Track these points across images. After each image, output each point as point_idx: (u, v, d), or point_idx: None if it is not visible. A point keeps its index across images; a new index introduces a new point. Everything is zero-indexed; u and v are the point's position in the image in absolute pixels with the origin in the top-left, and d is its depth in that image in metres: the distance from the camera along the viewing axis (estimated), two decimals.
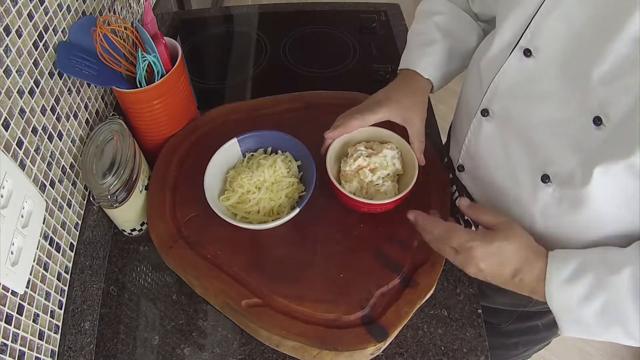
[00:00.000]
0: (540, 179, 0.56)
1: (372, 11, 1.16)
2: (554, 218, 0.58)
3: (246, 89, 0.99)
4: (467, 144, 0.68)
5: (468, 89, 0.68)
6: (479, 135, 0.64)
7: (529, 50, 0.54)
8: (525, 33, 0.54)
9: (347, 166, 0.67)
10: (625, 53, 0.45)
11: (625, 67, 0.45)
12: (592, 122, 0.49)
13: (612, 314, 0.49)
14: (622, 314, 0.48)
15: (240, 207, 0.68)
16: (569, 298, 0.51)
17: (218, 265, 0.65)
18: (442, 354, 0.63)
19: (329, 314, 0.60)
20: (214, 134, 0.79)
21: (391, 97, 0.67)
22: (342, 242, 0.67)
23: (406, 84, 0.70)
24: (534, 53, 0.54)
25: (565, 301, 0.51)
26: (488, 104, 0.61)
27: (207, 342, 0.65)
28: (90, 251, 0.70)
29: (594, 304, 0.49)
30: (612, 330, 0.50)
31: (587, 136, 0.50)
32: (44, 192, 0.60)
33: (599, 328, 0.50)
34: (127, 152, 0.66)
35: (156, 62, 0.70)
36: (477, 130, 0.64)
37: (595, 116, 0.48)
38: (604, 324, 0.50)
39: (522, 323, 0.80)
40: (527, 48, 0.54)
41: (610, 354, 1.54)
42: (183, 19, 1.17)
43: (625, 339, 0.50)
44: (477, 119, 0.64)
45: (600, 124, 0.48)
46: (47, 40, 0.62)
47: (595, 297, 0.49)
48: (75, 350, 0.63)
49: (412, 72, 0.70)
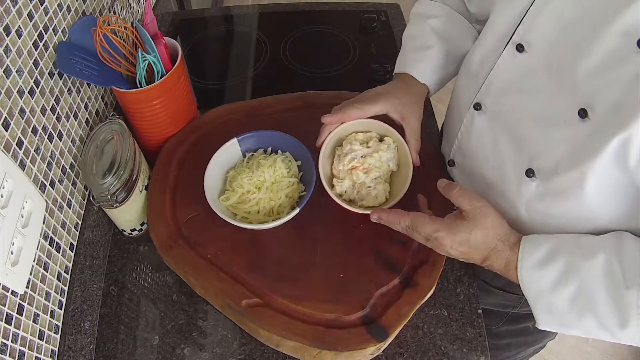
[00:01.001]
0: (524, 173, 0.56)
1: (372, 11, 1.16)
2: (538, 213, 0.58)
3: (246, 89, 0.99)
4: (459, 138, 0.68)
5: (462, 84, 0.69)
6: (471, 130, 0.65)
7: (522, 45, 0.55)
8: (518, 28, 0.55)
9: (341, 165, 0.66)
10: (614, 46, 0.45)
11: (612, 60, 0.46)
12: (578, 114, 0.49)
13: (583, 301, 0.49)
14: (593, 302, 0.48)
15: (240, 207, 0.68)
16: (540, 283, 0.51)
17: (218, 265, 0.65)
18: (442, 354, 0.63)
19: (329, 314, 0.60)
20: (214, 134, 0.79)
21: (391, 92, 0.67)
22: (342, 242, 0.67)
23: (404, 85, 0.70)
24: (527, 48, 0.54)
25: (537, 286, 0.51)
26: (481, 98, 0.62)
27: (207, 342, 0.65)
28: (90, 251, 0.70)
29: (566, 290, 0.49)
30: (586, 320, 0.50)
31: (573, 129, 0.50)
32: (44, 192, 0.60)
33: (572, 317, 0.50)
34: (127, 152, 0.66)
35: (156, 62, 0.70)
36: (470, 125, 0.65)
37: (581, 108, 0.49)
38: (577, 312, 0.50)
39: (513, 325, 0.80)
40: (519, 43, 0.55)
41: (610, 354, 1.54)
42: (183, 19, 1.17)
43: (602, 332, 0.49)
44: (470, 113, 0.64)
45: (586, 117, 0.48)
46: (47, 40, 0.62)
47: (566, 283, 0.49)
48: (75, 350, 0.63)
49: (408, 76, 0.70)
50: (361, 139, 0.68)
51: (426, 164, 0.73)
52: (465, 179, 0.70)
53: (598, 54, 0.46)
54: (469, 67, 0.66)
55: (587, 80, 0.48)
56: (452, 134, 0.70)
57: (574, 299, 0.49)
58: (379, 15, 1.14)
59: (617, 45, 0.45)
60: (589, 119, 0.48)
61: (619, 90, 0.45)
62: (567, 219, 0.56)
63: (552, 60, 0.52)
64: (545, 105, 0.53)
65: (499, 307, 0.78)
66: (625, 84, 0.45)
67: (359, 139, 0.68)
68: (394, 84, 0.70)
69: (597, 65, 0.47)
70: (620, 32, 0.44)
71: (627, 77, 0.45)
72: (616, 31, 0.45)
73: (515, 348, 0.88)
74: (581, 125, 0.49)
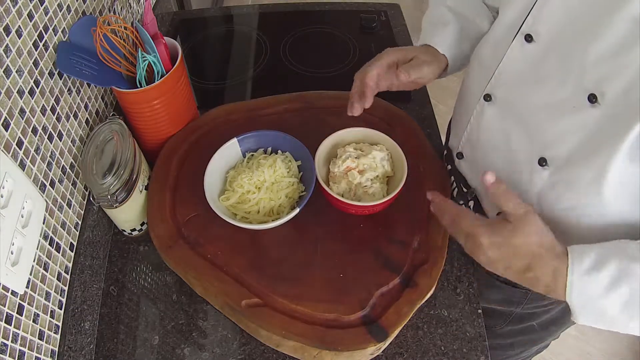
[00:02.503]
0: (537, 162, 0.56)
1: (372, 11, 1.16)
2: (550, 203, 0.58)
3: (246, 89, 0.99)
4: (468, 130, 0.68)
5: (472, 76, 0.69)
6: (481, 121, 0.65)
7: (530, 35, 0.55)
8: (527, 19, 0.55)
9: (336, 167, 0.68)
10: (623, 32, 0.45)
11: (622, 46, 0.46)
12: (587, 99, 0.49)
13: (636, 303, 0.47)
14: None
15: (240, 207, 0.68)
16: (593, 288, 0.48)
17: (218, 265, 0.65)
18: (442, 354, 0.63)
19: (329, 314, 0.60)
20: (214, 134, 0.79)
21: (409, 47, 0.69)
22: (342, 242, 0.67)
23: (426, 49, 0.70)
24: (535, 38, 0.55)
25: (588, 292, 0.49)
26: (492, 89, 0.62)
27: (207, 342, 0.65)
28: (90, 251, 0.70)
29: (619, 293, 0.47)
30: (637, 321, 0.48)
31: (583, 115, 0.50)
32: (44, 192, 0.60)
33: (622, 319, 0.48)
34: (127, 152, 0.66)
35: (156, 62, 0.70)
36: (479, 116, 0.65)
37: (590, 94, 0.48)
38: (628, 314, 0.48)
39: (517, 324, 0.80)
40: (528, 33, 0.55)
41: (610, 354, 1.53)
42: (183, 19, 1.17)
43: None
44: (480, 104, 0.64)
45: (595, 102, 0.48)
46: (47, 40, 0.62)
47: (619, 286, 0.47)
48: (75, 350, 0.63)
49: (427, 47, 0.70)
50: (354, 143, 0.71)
51: (426, 165, 0.73)
52: (474, 171, 0.70)
53: (607, 40, 0.47)
54: (479, 59, 0.66)
55: (596, 66, 0.48)
56: (461, 127, 0.70)
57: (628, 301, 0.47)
58: (379, 15, 1.14)
59: (626, 31, 0.45)
60: (599, 104, 0.48)
61: (629, 76, 0.46)
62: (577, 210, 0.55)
63: (561, 48, 0.52)
64: (555, 93, 0.53)
65: (503, 305, 0.77)
66: (634, 71, 0.45)
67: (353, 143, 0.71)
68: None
69: (607, 51, 0.47)
70: (629, 18, 0.45)
71: (636, 64, 0.45)
72: (626, 17, 0.45)
73: (519, 347, 0.88)
74: (591, 112, 0.49)
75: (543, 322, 0.78)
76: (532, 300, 0.74)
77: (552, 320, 0.77)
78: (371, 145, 0.71)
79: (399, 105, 0.85)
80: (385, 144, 0.70)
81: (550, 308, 0.75)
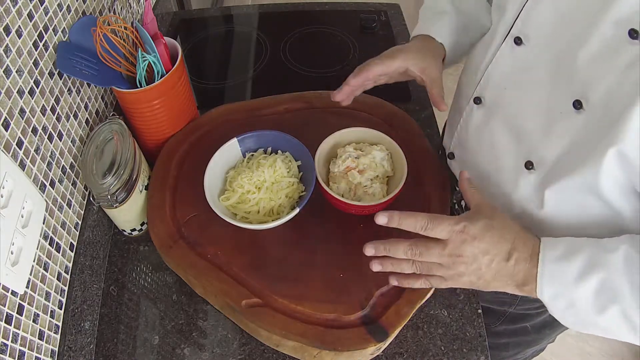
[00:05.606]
0: (524, 165, 0.56)
1: (372, 11, 1.16)
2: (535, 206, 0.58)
3: (246, 89, 0.99)
4: (459, 131, 0.69)
5: (464, 78, 0.69)
6: (469, 123, 0.65)
7: (520, 38, 0.55)
8: (516, 21, 0.55)
9: (336, 167, 0.68)
10: (610, 35, 0.45)
11: (606, 51, 0.46)
12: (572, 105, 0.49)
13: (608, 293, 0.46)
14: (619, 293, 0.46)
15: (240, 207, 0.68)
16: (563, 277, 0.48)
17: (218, 265, 0.65)
18: (442, 354, 0.63)
19: (329, 314, 0.60)
20: (214, 134, 0.79)
21: (410, 47, 0.67)
22: (342, 242, 0.67)
23: (423, 43, 0.69)
24: (524, 41, 0.55)
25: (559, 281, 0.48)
26: (481, 92, 0.62)
27: (207, 342, 0.65)
28: (90, 251, 0.70)
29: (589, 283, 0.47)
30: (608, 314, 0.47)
31: (570, 121, 0.50)
32: (44, 192, 0.60)
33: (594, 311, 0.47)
34: (127, 152, 0.66)
35: (156, 62, 0.70)
36: (468, 118, 0.65)
37: (575, 100, 0.48)
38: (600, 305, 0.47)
39: (511, 324, 0.80)
40: (517, 36, 0.55)
41: (610, 354, 1.53)
42: (183, 19, 1.17)
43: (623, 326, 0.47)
44: (469, 106, 0.65)
45: (580, 108, 0.48)
46: (47, 40, 0.62)
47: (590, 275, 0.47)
48: (75, 350, 0.63)
49: (425, 36, 0.69)
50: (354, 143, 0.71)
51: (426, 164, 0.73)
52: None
53: (594, 44, 0.46)
54: (470, 61, 0.67)
55: (583, 71, 0.48)
56: (453, 127, 0.71)
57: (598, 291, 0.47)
58: (379, 15, 1.14)
59: (610, 35, 0.45)
60: (583, 110, 0.48)
61: (612, 80, 0.45)
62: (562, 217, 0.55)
63: (550, 51, 0.52)
64: (543, 97, 0.53)
65: (496, 305, 0.78)
66: (617, 75, 0.45)
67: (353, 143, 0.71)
68: (412, 42, 0.70)
69: (594, 56, 0.47)
70: (613, 22, 0.44)
71: (619, 68, 0.44)
72: (610, 21, 0.45)
73: (514, 348, 0.88)
74: (577, 118, 0.49)
75: (536, 325, 0.78)
76: (524, 302, 0.74)
77: (546, 323, 0.77)
78: (371, 145, 0.71)
79: (399, 105, 0.85)
80: (385, 144, 0.70)
81: (543, 310, 0.75)
